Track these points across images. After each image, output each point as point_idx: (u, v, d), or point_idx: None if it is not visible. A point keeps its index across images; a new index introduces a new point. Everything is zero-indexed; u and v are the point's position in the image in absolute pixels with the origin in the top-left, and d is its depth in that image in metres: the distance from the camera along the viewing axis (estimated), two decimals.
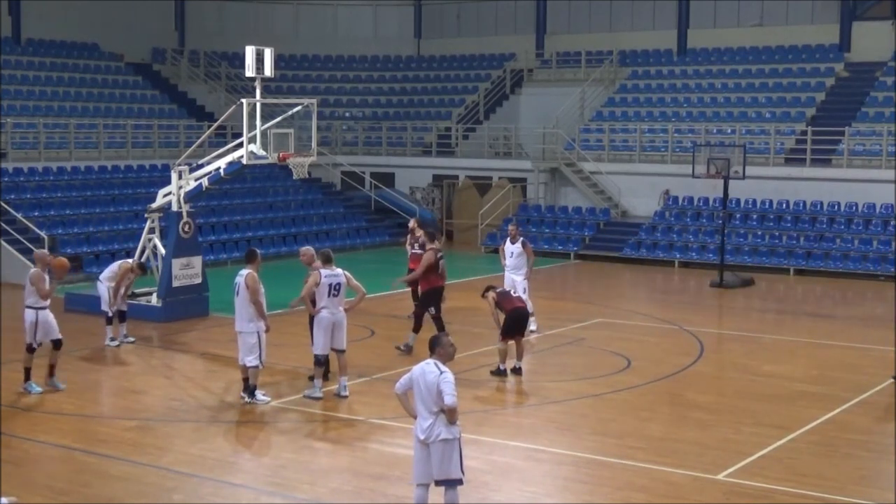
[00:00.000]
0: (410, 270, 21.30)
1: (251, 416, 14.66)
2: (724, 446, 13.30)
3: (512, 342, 16.74)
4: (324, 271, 15.21)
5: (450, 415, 9.85)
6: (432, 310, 18.33)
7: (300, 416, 14.69)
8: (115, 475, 12.18)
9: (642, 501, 11.49)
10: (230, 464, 12.73)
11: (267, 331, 15.05)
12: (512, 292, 18.00)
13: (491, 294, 16.77)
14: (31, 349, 15.66)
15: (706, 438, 13.66)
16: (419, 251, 21.31)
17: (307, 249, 16.49)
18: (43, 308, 15.55)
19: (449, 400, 9.79)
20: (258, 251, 15.64)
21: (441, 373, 9.88)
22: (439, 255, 18.62)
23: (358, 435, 13.84)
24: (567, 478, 12.40)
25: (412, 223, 21.92)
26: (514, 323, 16.63)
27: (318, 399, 15.20)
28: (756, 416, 14.66)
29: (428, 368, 9.95)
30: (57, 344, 15.74)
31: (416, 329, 18.36)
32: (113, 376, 17.19)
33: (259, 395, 15.08)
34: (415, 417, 10.11)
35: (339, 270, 15.34)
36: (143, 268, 19.78)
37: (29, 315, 15.62)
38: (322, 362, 15.30)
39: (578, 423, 14.45)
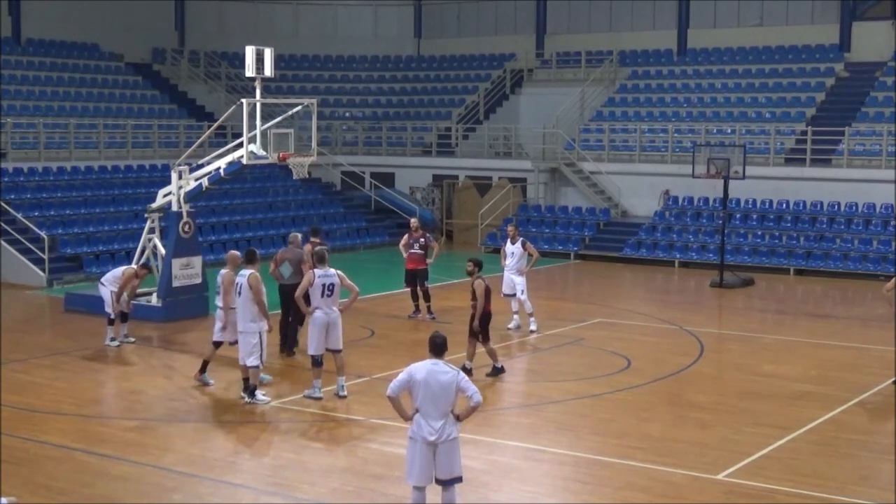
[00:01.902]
0: (407, 270, 21.39)
1: (251, 416, 14.66)
2: (724, 446, 13.30)
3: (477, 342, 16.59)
4: (317, 271, 15.22)
5: (472, 412, 9.93)
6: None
7: (300, 416, 14.69)
8: (115, 475, 12.18)
9: (642, 501, 11.50)
10: (230, 464, 12.73)
11: (269, 331, 15.09)
12: (507, 291, 18.01)
13: (483, 284, 16.42)
14: (217, 345, 16.00)
15: (706, 438, 13.66)
16: (419, 251, 21.38)
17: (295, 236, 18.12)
18: (233, 308, 15.70)
19: (478, 398, 9.87)
20: (257, 251, 15.68)
21: (457, 372, 9.88)
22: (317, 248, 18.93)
23: (358, 435, 13.84)
24: (567, 478, 12.40)
25: (413, 222, 21.95)
26: (488, 324, 16.55)
27: (317, 399, 15.20)
28: (756, 416, 14.66)
29: (437, 369, 9.90)
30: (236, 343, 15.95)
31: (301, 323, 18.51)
32: (113, 376, 17.19)
33: (259, 395, 15.08)
34: (408, 420, 10.09)
35: (333, 271, 15.35)
36: (147, 268, 19.77)
37: (222, 314, 15.83)
38: (319, 362, 15.29)
39: (578, 423, 14.45)
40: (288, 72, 40.64)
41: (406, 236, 21.70)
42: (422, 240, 21.51)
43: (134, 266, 19.62)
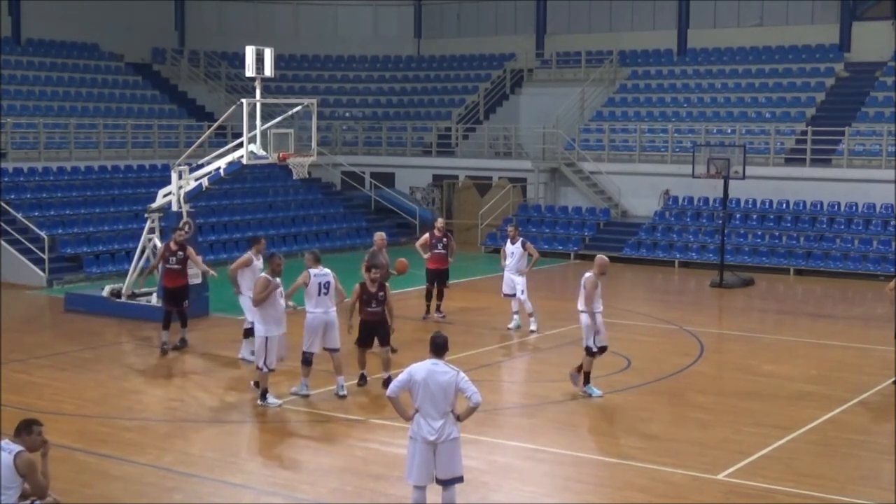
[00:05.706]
0: (428, 270, 21.32)
1: (251, 416, 14.67)
2: (724, 446, 13.30)
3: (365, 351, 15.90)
4: (313, 271, 15.24)
5: (472, 412, 9.94)
6: (185, 303, 18.79)
7: (300, 416, 14.69)
8: (115, 475, 12.19)
9: (642, 501, 11.50)
10: (230, 464, 12.73)
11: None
12: (507, 291, 17.90)
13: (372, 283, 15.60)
14: None
15: (706, 438, 13.66)
16: (443, 251, 21.41)
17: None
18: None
19: (478, 398, 9.88)
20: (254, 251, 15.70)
21: (457, 372, 9.88)
22: (175, 248, 18.92)
23: (358, 435, 13.84)
24: (567, 478, 12.40)
25: (440, 222, 22.04)
26: (369, 332, 15.69)
27: (305, 396, 15.22)
28: (756, 416, 14.66)
29: (437, 369, 9.90)
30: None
31: (183, 324, 18.73)
32: (113, 376, 17.16)
33: (270, 398, 14.98)
34: (408, 420, 10.09)
35: (328, 270, 15.37)
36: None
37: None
38: (309, 361, 15.28)
39: (578, 423, 14.45)
40: (288, 72, 40.63)
41: (427, 235, 21.67)
42: (444, 240, 21.56)
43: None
